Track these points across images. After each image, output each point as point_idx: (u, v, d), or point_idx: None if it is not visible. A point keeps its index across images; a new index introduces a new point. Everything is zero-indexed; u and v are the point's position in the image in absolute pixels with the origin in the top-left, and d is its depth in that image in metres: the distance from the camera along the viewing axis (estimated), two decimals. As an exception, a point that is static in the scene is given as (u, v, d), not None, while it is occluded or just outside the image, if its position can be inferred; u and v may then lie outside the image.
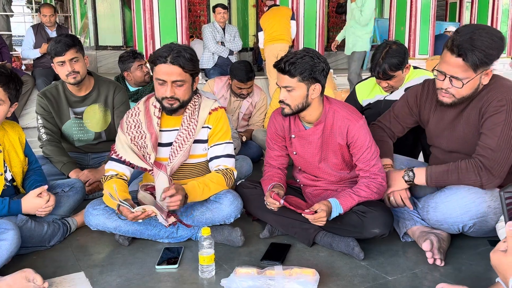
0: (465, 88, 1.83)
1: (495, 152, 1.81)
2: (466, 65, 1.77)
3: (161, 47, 2.00)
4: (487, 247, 1.97)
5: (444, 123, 2.03)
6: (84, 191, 2.36)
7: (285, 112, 2.00)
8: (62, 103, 2.70)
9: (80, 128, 2.76)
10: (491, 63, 1.80)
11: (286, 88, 1.94)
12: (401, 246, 2.02)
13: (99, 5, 7.88)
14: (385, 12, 10.25)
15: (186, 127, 2.07)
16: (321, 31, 6.73)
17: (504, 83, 1.88)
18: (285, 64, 1.90)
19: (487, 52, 1.74)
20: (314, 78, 1.92)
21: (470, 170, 1.84)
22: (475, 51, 1.73)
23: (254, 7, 8.94)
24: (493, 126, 1.82)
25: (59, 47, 2.49)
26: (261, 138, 3.50)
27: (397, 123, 2.27)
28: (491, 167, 1.81)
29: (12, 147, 2.07)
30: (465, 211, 1.86)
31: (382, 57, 2.45)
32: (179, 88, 1.98)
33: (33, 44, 5.03)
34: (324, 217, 1.86)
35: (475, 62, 1.75)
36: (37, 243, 1.98)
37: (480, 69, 1.79)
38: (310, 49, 1.98)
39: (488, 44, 1.74)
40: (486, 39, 1.74)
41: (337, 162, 2.09)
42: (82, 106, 2.73)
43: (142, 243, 2.06)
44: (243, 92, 3.59)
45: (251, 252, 1.98)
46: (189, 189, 1.96)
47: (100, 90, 2.75)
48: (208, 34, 5.66)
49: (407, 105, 2.21)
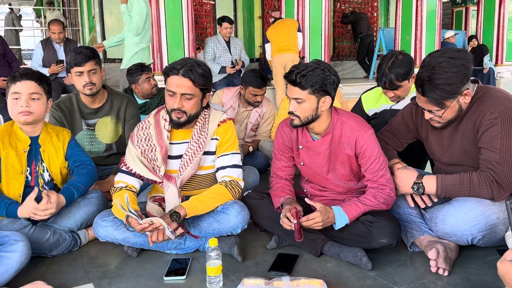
0: (446, 115, 1.89)
1: (501, 165, 1.81)
2: (432, 102, 1.84)
3: (177, 60, 2.04)
4: (496, 256, 1.96)
5: (442, 138, 2.05)
6: (102, 204, 2.29)
7: (294, 124, 2.01)
8: (75, 114, 2.74)
9: (92, 140, 2.80)
10: (456, 94, 1.82)
11: (296, 100, 1.95)
12: (408, 256, 2.02)
13: (107, 19, 7.99)
14: (390, 21, 10.28)
15: (197, 140, 2.10)
16: (327, 41, 6.76)
17: (493, 93, 1.89)
18: (296, 76, 1.91)
19: (448, 89, 1.79)
20: (325, 91, 1.93)
21: (483, 184, 1.84)
22: (435, 90, 1.79)
23: (260, 18, 9.00)
24: (491, 139, 1.83)
25: (79, 58, 2.55)
26: (268, 149, 3.51)
27: (395, 138, 2.28)
28: (501, 181, 1.81)
29: (54, 149, 2.21)
30: (474, 224, 1.85)
31: (388, 67, 2.46)
32: (187, 102, 2.00)
33: (41, 58, 5.12)
34: (319, 217, 1.86)
35: (438, 99, 1.81)
36: (34, 249, 1.95)
37: (448, 101, 1.83)
38: (321, 61, 1.99)
39: (447, 80, 1.78)
40: (445, 75, 1.77)
41: (345, 172, 2.09)
42: (95, 118, 2.77)
43: (150, 254, 2.08)
44: (258, 99, 3.61)
45: (259, 263, 1.98)
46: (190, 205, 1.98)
47: (113, 103, 2.79)
48: (209, 49, 5.77)
49: (403, 122, 2.24)
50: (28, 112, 2.06)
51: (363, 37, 8.82)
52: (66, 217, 2.16)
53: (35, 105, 2.08)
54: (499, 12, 8.50)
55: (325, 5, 6.66)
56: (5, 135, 2.09)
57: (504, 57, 8.53)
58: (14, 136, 2.11)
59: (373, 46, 8.65)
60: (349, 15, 9.31)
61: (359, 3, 10.08)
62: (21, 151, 2.11)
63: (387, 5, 10.52)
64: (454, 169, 1.99)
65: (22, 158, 2.10)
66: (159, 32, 5.35)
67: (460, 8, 12.00)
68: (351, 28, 9.49)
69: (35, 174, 2.15)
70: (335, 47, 9.81)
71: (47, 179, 2.19)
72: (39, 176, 2.16)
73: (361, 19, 9.00)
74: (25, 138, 2.13)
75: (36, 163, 2.16)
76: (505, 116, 1.80)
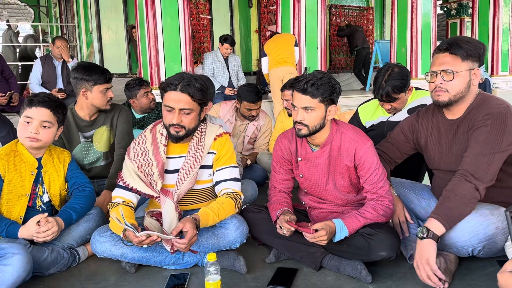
0: (457, 82, 1.89)
1: (477, 157, 1.82)
2: (453, 56, 1.88)
3: (174, 75, 2.04)
4: (496, 267, 1.95)
5: (441, 144, 2.05)
6: (101, 220, 2.28)
7: (302, 133, 2.00)
8: (72, 128, 2.75)
9: (90, 151, 2.81)
10: (476, 58, 1.89)
11: (306, 109, 1.95)
12: (408, 268, 2.00)
13: (105, 34, 8.05)
14: (386, 33, 10.37)
15: (193, 154, 2.09)
16: (323, 54, 6.81)
17: (491, 99, 1.93)
18: (306, 85, 1.92)
19: (470, 43, 1.87)
20: (332, 100, 1.95)
21: (462, 184, 1.81)
22: (459, 42, 1.88)
23: (257, 32, 9.08)
24: (477, 137, 1.85)
25: (109, 75, 2.69)
26: (266, 161, 3.51)
27: (394, 148, 2.28)
28: (474, 172, 1.81)
29: (55, 171, 2.22)
30: (474, 235, 1.84)
31: (385, 80, 2.48)
32: (186, 116, 2.01)
33: (40, 75, 5.14)
34: (324, 235, 1.85)
35: (461, 51, 1.86)
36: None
37: (467, 60, 1.87)
38: (323, 71, 2.01)
39: (470, 39, 1.90)
40: (467, 38, 1.91)
41: (344, 184, 2.09)
42: (91, 129, 2.79)
43: (148, 270, 2.06)
44: (253, 114, 3.63)
45: (258, 277, 1.97)
46: (203, 218, 1.94)
47: (107, 112, 2.82)
48: (208, 64, 5.82)
49: (402, 133, 2.25)
50: (36, 139, 2.08)
51: (359, 50, 8.89)
52: (65, 233, 2.14)
53: (44, 133, 2.09)
54: (493, 23, 8.57)
55: (320, 19, 6.72)
56: (9, 156, 2.09)
57: (499, 68, 8.59)
58: (18, 157, 2.12)
59: (369, 59, 8.72)
60: (345, 28, 9.39)
61: (354, 16, 10.19)
62: (27, 173, 2.11)
63: (383, 18, 10.62)
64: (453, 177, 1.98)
65: (26, 181, 2.11)
66: (157, 46, 5.38)
67: (455, 20, 12.12)
68: (347, 41, 9.57)
69: (34, 196, 2.15)
70: (331, 60, 9.88)
71: (45, 201, 2.19)
72: (37, 198, 2.16)
73: (356, 32, 9.08)
74: (32, 160, 2.14)
75: (36, 184, 2.16)
76: (497, 120, 1.83)
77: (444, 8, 12.42)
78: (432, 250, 1.74)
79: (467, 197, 1.80)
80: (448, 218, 1.79)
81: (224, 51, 5.85)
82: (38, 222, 2.00)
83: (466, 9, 11.73)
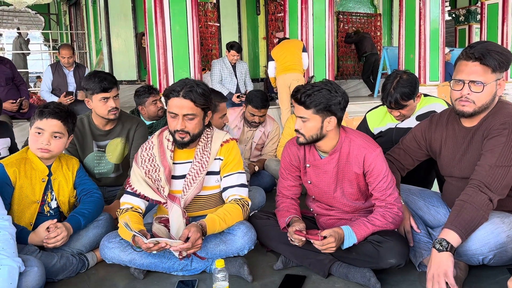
0: (484, 93, 1.83)
1: (492, 168, 1.80)
2: (484, 67, 1.81)
3: (176, 82, 2.06)
4: (506, 275, 1.93)
5: (456, 151, 2.03)
6: (110, 226, 2.30)
7: (300, 141, 2.03)
8: (87, 136, 2.76)
9: (101, 161, 2.82)
10: (504, 69, 1.84)
11: (301, 119, 1.97)
12: (417, 275, 1.99)
13: (114, 42, 8.14)
14: (394, 40, 10.36)
15: (200, 160, 2.11)
16: (331, 61, 6.82)
17: (507, 107, 1.91)
18: (301, 96, 1.94)
19: (503, 54, 1.80)
20: (330, 111, 1.94)
21: (477, 195, 1.80)
22: (491, 53, 1.79)
23: (264, 39, 9.12)
24: (493, 147, 1.83)
25: (107, 84, 2.58)
26: (274, 168, 3.51)
27: (406, 155, 2.27)
28: (488, 183, 1.79)
29: (64, 178, 2.26)
30: (484, 243, 1.82)
31: (393, 87, 2.47)
32: (190, 122, 2.02)
33: (51, 82, 5.20)
34: (332, 242, 1.85)
35: (493, 63, 1.79)
36: None
37: (497, 72, 1.82)
38: (330, 81, 2.01)
39: (502, 50, 1.82)
40: (499, 47, 1.83)
41: (353, 191, 2.09)
42: (106, 139, 2.79)
43: (156, 276, 2.06)
44: (255, 120, 3.64)
45: (266, 284, 1.96)
46: (209, 224, 1.95)
47: (124, 124, 2.81)
48: (216, 71, 5.88)
49: (415, 139, 2.23)
50: (48, 150, 2.11)
51: (368, 56, 8.89)
52: (75, 239, 2.16)
53: (55, 143, 2.13)
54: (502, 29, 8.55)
55: (328, 25, 6.74)
56: (20, 163, 2.12)
57: (509, 74, 8.54)
58: (29, 164, 2.14)
59: (377, 65, 8.71)
60: (353, 35, 9.40)
61: (362, 23, 10.19)
62: (37, 180, 2.14)
63: (390, 25, 10.62)
64: (466, 184, 1.96)
65: (36, 188, 2.13)
66: (165, 53, 5.43)
67: (463, 26, 12.09)
68: (355, 48, 9.57)
69: (43, 202, 2.18)
70: (339, 66, 9.89)
71: (53, 207, 2.22)
72: (46, 204, 2.19)
73: (364, 38, 9.08)
74: (43, 167, 2.17)
75: (45, 191, 2.18)
76: None
77: (452, 14, 12.39)
78: (450, 263, 1.70)
79: (483, 208, 1.79)
80: (465, 230, 1.76)
81: (231, 58, 5.90)
82: (47, 228, 2.02)
83: (474, 15, 11.70)
